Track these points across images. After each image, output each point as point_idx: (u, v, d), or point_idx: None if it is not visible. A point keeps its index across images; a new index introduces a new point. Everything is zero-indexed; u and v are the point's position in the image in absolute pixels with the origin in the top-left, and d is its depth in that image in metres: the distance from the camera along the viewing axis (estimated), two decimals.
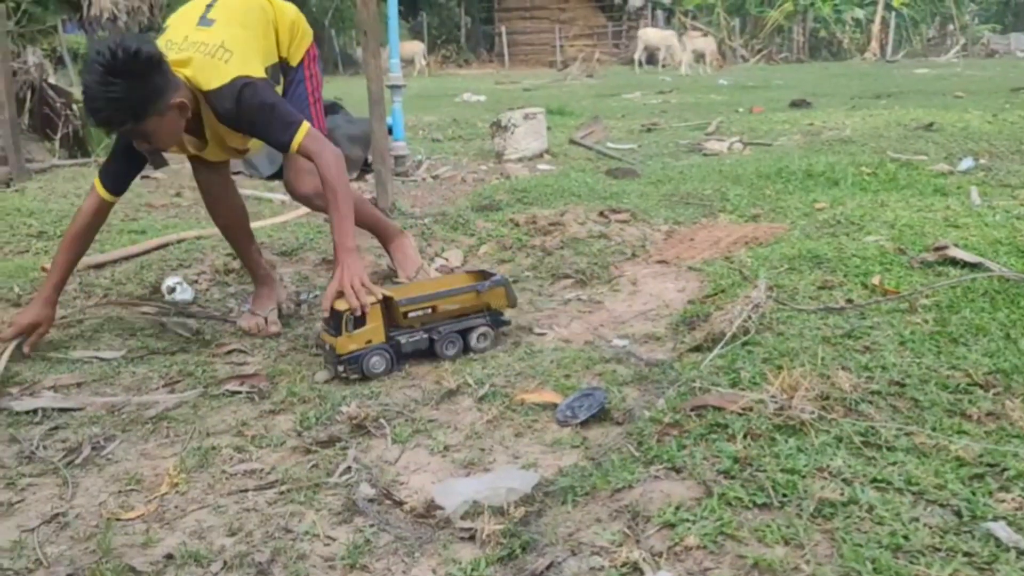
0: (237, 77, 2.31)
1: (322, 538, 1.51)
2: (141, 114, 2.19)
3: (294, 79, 2.67)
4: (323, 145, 2.40)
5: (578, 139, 6.61)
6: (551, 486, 1.60)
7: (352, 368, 2.25)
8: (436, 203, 4.43)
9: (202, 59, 2.34)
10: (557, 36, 28.85)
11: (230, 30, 2.43)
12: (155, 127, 2.26)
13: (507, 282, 2.50)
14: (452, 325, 2.39)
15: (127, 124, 2.22)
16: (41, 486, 1.75)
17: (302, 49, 2.69)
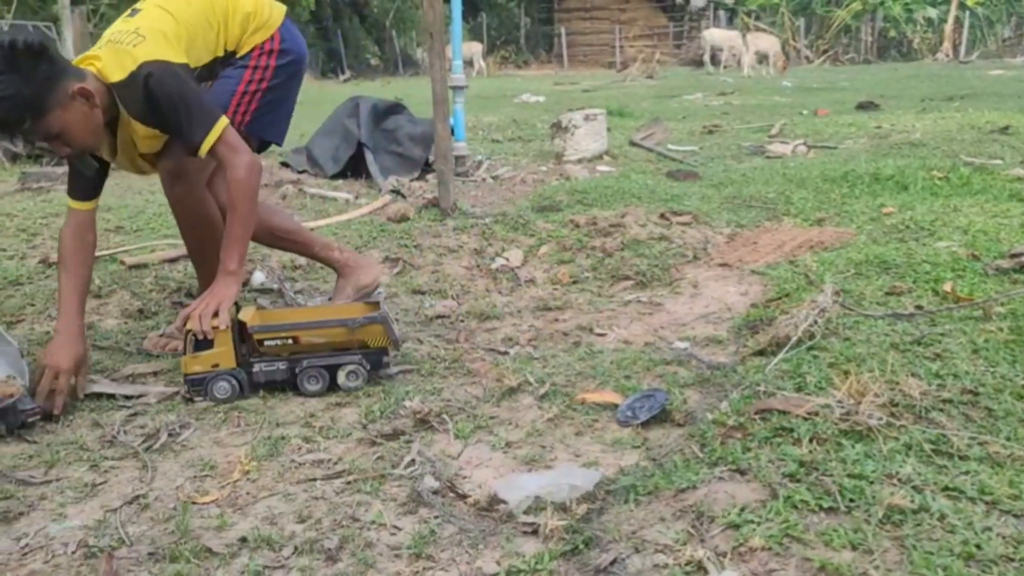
0: (143, 63, 2.10)
1: (388, 527, 1.55)
2: (39, 107, 2.01)
3: (233, 66, 2.44)
4: (238, 151, 2.20)
5: (638, 140, 6.58)
6: (612, 485, 1.61)
7: (196, 390, 2.16)
8: (496, 203, 4.47)
9: (111, 49, 2.16)
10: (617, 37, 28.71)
11: (151, 14, 2.25)
12: (62, 122, 2.06)
13: (387, 320, 2.24)
14: (319, 359, 2.20)
15: (27, 121, 2.02)
16: (122, 469, 1.84)
17: (253, 41, 2.45)
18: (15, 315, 2.70)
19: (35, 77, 1.99)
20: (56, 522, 1.61)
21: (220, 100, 2.38)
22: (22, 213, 3.87)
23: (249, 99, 2.44)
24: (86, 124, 2.11)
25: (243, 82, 2.42)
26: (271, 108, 2.50)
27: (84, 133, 2.12)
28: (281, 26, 2.51)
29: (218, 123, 2.17)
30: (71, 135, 2.10)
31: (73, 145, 2.14)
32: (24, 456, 1.88)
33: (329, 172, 5.29)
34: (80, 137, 2.13)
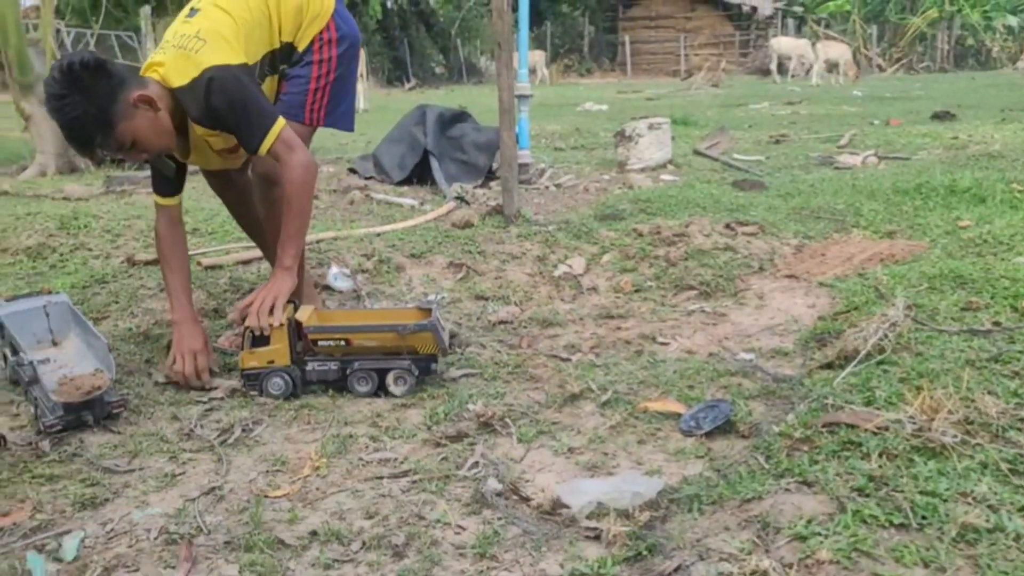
0: (205, 69, 2.14)
1: (453, 527, 1.58)
2: (106, 122, 2.07)
3: (299, 62, 2.46)
4: (294, 152, 2.24)
5: (703, 150, 6.52)
6: (676, 493, 1.62)
7: (251, 384, 2.23)
8: (559, 211, 4.49)
9: (174, 54, 2.21)
10: (682, 45, 28.50)
11: (210, 16, 2.27)
12: (132, 132, 2.13)
13: (436, 327, 2.24)
14: (369, 362, 2.24)
15: (98, 137, 2.10)
16: (199, 461, 1.91)
17: (311, 32, 2.45)
18: (101, 311, 2.83)
19: (97, 94, 2.05)
20: (139, 509, 1.69)
21: (295, 101, 2.44)
22: (107, 215, 4.04)
23: (321, 95, 2.47)
24: (154, 129, 2.17)
25: (312, 79, 2.45)
26: (340, 98, 2.55)
27: (154, 137, 2.19)
28: (334, 13, 2.51)
29: (276, 124, 2.22)
30: (143, 141, 2.17)
31: (148, 150, 2.22)
32: (109, 446, 1.97)
33: (395, 179, 5.39)
34: (152, 142, 2.20)
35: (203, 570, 1.47)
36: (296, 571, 1.46)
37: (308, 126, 2.50)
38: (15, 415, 2.14)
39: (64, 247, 3.66)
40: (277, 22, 2.40)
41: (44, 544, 1.56)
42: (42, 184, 5.45)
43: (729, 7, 29.24)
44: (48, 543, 1.56)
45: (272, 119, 2.22)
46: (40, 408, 2.03)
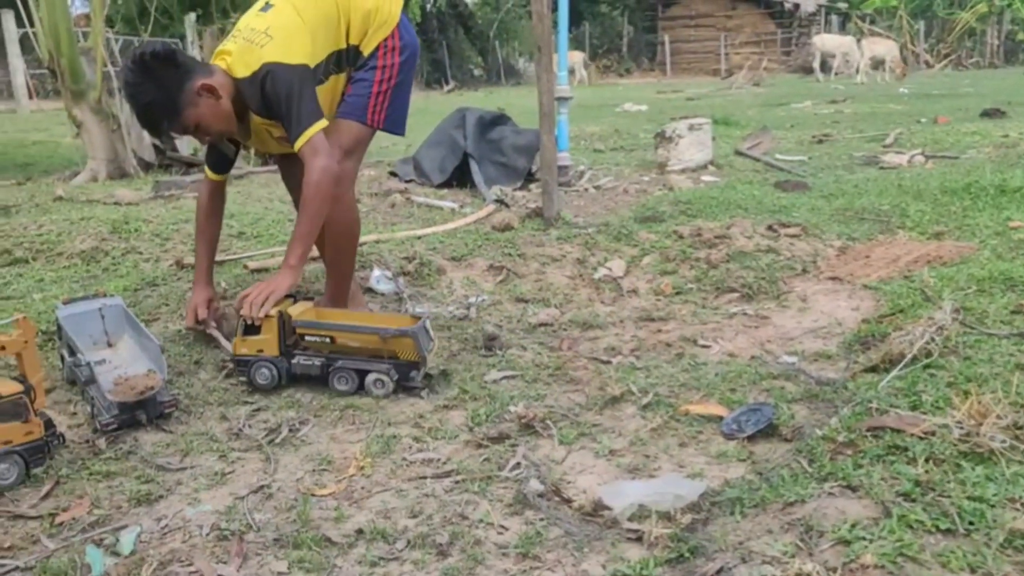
0: (264, 64, 2.30)
1: (496, 527, 1.60)
2: (172, 108, 2.28)
3: (364, 66, 2.56)
4: (318, 156, 2.34)
5: (744, 150, 6.46)
6: (718, 496, 1.62)
7: (241, 371, 2.35)
8: (599, 213, 4.49)
9: (242, 46, 2.37)
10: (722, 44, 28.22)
11: (282, 13, 2.41)
12: (196, 117, 2.33)
13: (417, 336, 2.27)
14: (351, 362, 2.30)
15: (165, 122, 2.32)
16: (248, 460, 1.96)
17: (378, 38, 2.55)
18: (151, 313, 2.91)
19: (165, 82, 2.26)
20: (191, 506, 1.74)
21: (358, 103, 2.54)
22: (156, 219, 4.15)
23: (383, 99, 2.56)
24: (216, 114, 2.35)
25: (375, 83, 2.54)
26: (399, 103, 2.63)
27: (217, 122, 2.38)
28: (399, 22, 2.60)
29: (314, 126, 2.33)
30: (206, 126, 2.37)
31: (210, 133, 2.42)
32: (162, 444, 2.04)
33: (435, 181, 5.44)
34: (214, 126, 2.39)
35: (253, 566, 1.52)
36: (343, 568, 1.50)
37: (369, 127, 2.58)
38: (73, 414, 2.22)
39: (116, 251, 3.77)
40: (345, 25, 2.50)
41: (102, 538, 1.62)
42: (94, 189, 5.60)
43: (771, 5, 28.88)
44: (106, 537, 1.62)
45: (311, 121, 2.33)
46: (96, 407, 2.10)
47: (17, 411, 1.79)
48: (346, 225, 2.63)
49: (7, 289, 3.28)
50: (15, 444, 1.79)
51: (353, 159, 2.58)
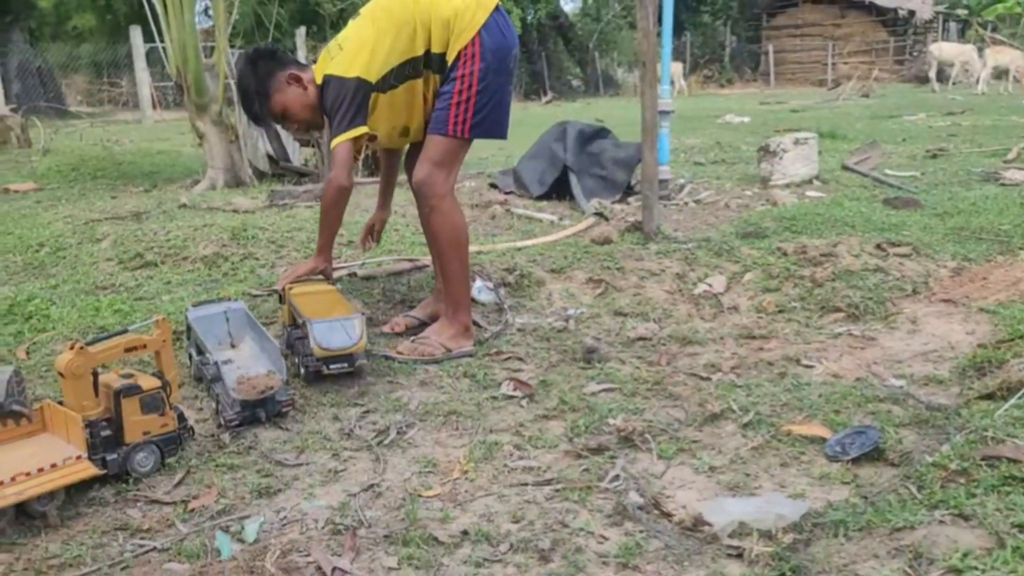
0: (326, 75, 2.57)
1: (596, 536, 1.64)
2: (263, 93, 2.65)
3: (447, 78, 2.66)
4: (335, 165, 2.61)
5: (851, 165, 6.27)
6: (820, 518, 1.61)
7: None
8: (699, 228, 4.46)
9: (323, 56, 2.68)
10: (829, 53, 27.33)
11: (359, 25, 2.64)
12: (282, 104, 2.66)
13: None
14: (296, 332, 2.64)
15: (256, 104, 2.67)
16: (358, 459, 2.07)
17: (458, 45, 2.62)
18: (268, 317, 3.08)
19: (261, 72, 2.67)
20: (307, 500, 1.85)
21: (440, 116, 2.66)
22: (272, 227, 4.39)
23: (464, 109, 2.65)
24: (301, 103, 2.67)
25: (454, 94, 2.64)
26: (487, 110, 2.68)
27: (301, 110, 2.69)
28: (483, 25, 2.62)
29: (346, 133, 2.54)
30: (291, 112, 2.70)
31: (296, 120, 2.72)
32: (279, 441, 2.17)
33: (535, 194, 5.52)
34: (298, 114, 2.70)
35: (365, 560, 1.61)
36: (449, 567, 1.57)
37: (454, 138, 2.68)
38: (199, 409, 2.38)
39: (235, 256, 4.00)
40: (425, 33, 2.61)
41: (228, 526, 1.75)
42: (213, 197, 5.94)
43: (883, 12, 27.78)
44: (232, 525, 1.75)
45: (345, 128, 2.55)
46: (221, 404, 2.25)
47: (155, 404, 1.95)
48: (447, 233, 2.74)
49: (139, 290, 3.54)
50: (153, 435, 1.95)
51: (443, 170, 2.69)
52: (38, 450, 1.85)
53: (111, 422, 1.91)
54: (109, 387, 1.92)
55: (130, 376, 1.97)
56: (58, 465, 1.76)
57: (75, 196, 6.20)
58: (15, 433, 1.90)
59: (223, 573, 1.55)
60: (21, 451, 1.85)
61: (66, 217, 4.97)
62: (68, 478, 1.76)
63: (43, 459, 1.77)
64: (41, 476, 1.73)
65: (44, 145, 8.81)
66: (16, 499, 1.68)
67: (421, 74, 2.67)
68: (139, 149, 9.30)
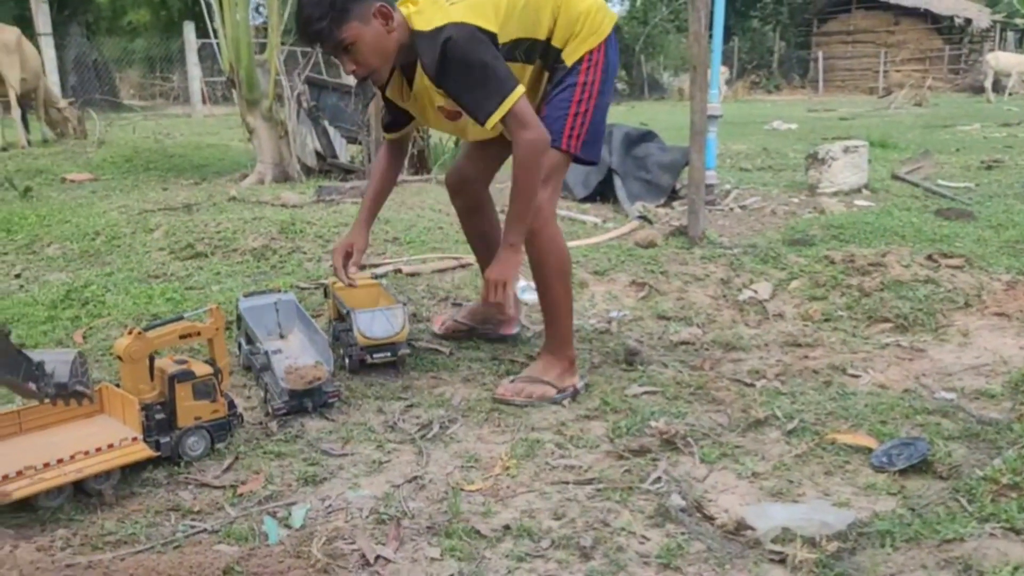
0: (451, 23, 2.07)
1: (637, 536, 1.65)
2: (341, 11, 2.07)
3: (563, 81, 2.31)
4: (526, 128, 2.09)
5: (903, 174, 6.16)
6: (866, 527, 1.59)
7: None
8: (745, 234, 4.43)
9: (430, 1, 2.19)
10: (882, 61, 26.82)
11: None
12: (356, 35, 2.10)
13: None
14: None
15: (324, 23, 2.08)
16: (402, 452, 2.10)
17: (583, 48, 2.30)
18: (315, 311, 3.14)
19: None
20: (352, 490, 1.89)
21: (555, 126, 2.27)
22: (319, 221, 4.46)
23: (581, 121, 2.31)
24: (377, 44, 2.14)
25: (574, 102, 2.29)
26: (597, 127, 2.37)
27: (373, 53, 2.15)
28: (609, 35, 2.35)
29: (512, 94, 2.08)
30: (360, 51, 2.14)
31: (360, 62, 2.16)
32: (325, 431, 2.21)
33: (579, 195, 5.52)
34: (368, 56, 2.15)
35: (409, 550, 1.63)
36: (491, 560, 1.58)
37: (565, 152, 2.32)
38: (248, 397, 2.44)
39: (283, 249, 4.08)
40: (552, 20, 2.27)
41: (275, 511, 1.79)
42: (262, 191, 6.05)
43: (939, 20, 27.19)
44: (279, 511, 1.79)
45: (510, 87, 2.08)
46: (269, 392, 2.30)
47: (207, 391, 2.00)
48: (553, 261, 2.41)
49: (190, 280, 3.63)
50: (203, 420, 2.00)
51: (548, 188, 2.31)
52: (96, 430, 1.92)
53: (165, 406, 1.96)
54: (164, 372, 1.98)
55: (184, 363, 2.02)
56: (115, 446, 1.82)
57: (128, 187, 6.37)
58: (75, 413, 1.97)
59: (271, 557, 1.58)
60: (81, 430, 1.92)
61: (120, 207, 5.11)
62: (124, 458, 1.82)
63: (101, 439, 1.83)
64: (99, 455, 1.79)
65: (99, 136, 9.05)
66: (76, 476, 1.74)
67: (533, 62, 2.31)
68: (189, 143, 9.50)
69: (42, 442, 1.90)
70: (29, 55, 8.81)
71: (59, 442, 1.86)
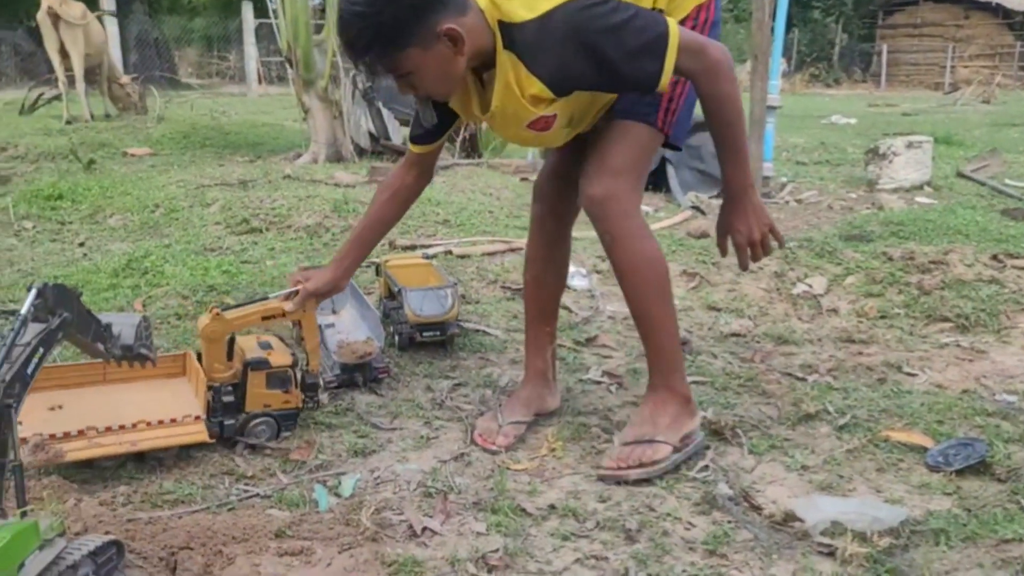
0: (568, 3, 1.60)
1: (683, 522, 1.64)
2: (393, 38, 1.62)
3: None
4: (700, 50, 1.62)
5: (968, 172, 5.98)
6: (919, 525, 1.56)
7: None
8: (800, 228, 4.35)
9: None
10: (949, 56, 26.00)
11: None
12: (415, 63, 1.65)
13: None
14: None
15: (376, 48, 1.63)
16: (449, 429, 2.12)
17: (688, 5, 1.85)
18: (366, 289, 3.18)
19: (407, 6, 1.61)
20: (400, 463, 1.91)
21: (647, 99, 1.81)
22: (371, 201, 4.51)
23: (680, 92, 1.83)
24: (441, 71, 1.68)
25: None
26: (689, 107, 1.90)
27: (436, 80, 1.71)
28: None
29: (669, 34, 1.60)
30: (421, 79, 1.70)
31: (420, 89, 1.75)
32: (375, 405, 2.24)
33: None
34: (430, 83, 1.72)
35: (455, 523, 1.65)
36: (536, 537, 1.60)
37: (658, 132, 1.85)
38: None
39: (336, 228, 4.13)
40: None
41: (326, 480, 1.82)
42: (316, 170, 6.13)
43: (1010, 14, 26.22)
44: (329, 480, 1.83)
45: (662, 27, 1.61)
46: (322, 365, 2.33)
47: (281, 382, 2.00)
48: (642, 268, 1.89)
49: (244, 254, 3.70)
50: (272, 408, 2.00)
51: (631, 178, 1.85)
52: (169, 397, 1.97)
53: (236, 388, 1.97)
54: (242, 355, 1.99)
55: (268, 346, 2.03)
56: (177, 421, 1.86)
57: (186, 162, 6.51)
58: (158, 372, 2.04)
59: (321, 523, 1.62)
60: (155, 392, 1.99)
61: (178, 181, 5.22)
62: (180, 439, 1.85)
63: (168, 410, 1.88)
64: (158, 430, 1.84)
65: (159, 113, 9.26)
66: (129, 449, 1.79)
67: None
68: (244, 121, 9.66)
69: (116, 397, 1.97)
70: (94, 31, 9.03)
71: (131, 402, 1.93)
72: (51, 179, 5.17)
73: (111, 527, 1.54)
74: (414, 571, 1.48)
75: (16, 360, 1.27)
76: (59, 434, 1.75)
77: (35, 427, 1.76)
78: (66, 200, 4.72)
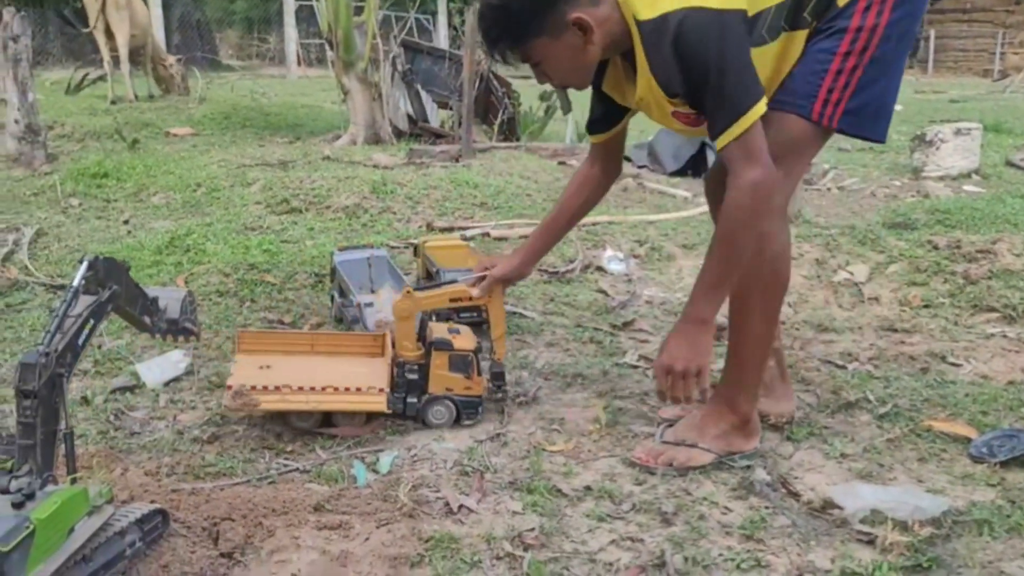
0: (684, 8, 1.55)
1: (720, 506, 1.64)
2: (523, 29, 1.66)
3: (829, 27, 1.67)
4: (751, 163, 1.57)
5: (1017, 161, 5.83)
6: (962, 516, 1.54)
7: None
8: (842, 215, 4.28)
9: None
10: (999, 42, 25.28)
11: None
12: (545, 52, 1.69)
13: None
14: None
15: (508, 40, 1.70)
16: (485, 410, 2.12)
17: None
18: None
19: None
20: (437, 442, 1.93)
21: (804, 88, 1.69)
22: (409, 183, 4.52)
23: (845, 82, 1.67)
24: (572, 60, 1.70)
25: (838, 56, 1.65)
26: (875, 91, 1.71)
27: (567, 70, 1.74)
28: None
29: (751, 112, 1.56)
30: (552, 67, 1.73)
31: (553, 78, 1.77)
32: None
33: (669, 169, 5.44)
34: (561, 72, 1.75)
35: (491, 502, 1.66)
36: (572, 518, 1.60)
37: (816, 125, 1.71)
38: None
39: (374, 209, 4.16)
40: None
41: (364, 456, 1.85)
42: (354, 152, 6.17)
43: None
44: (367, 456, 1.85)
45: (751, 102, 1.57)
46: None
47: (463, 366, 2.00)
48: (764, 270, 1.76)
49: (284, 234, 3.75)
50: (454, 393, 2.00)
51: (784, 167, 1.67)
52: (364, 371, 2.02)
53: (421, 368, 2.00)
54: (430, 336, 2.03)
55: (456, 332, 2.06)
56: (362, 390, 1.92)
57: (227, 143, 6.58)
58: (361, 350, 2.14)
59: (359, 498, 1.64)
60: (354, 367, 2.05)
61: (220, 161, 5.29)
62: (361, 405, 1.94)
63: (358, 381, 1.94)
64: (343, 395, 1.92)
65: (201, 94, 9.37)
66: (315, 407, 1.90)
67: (804, 24, 1.69)
68: (284, 102, 9.73)
69: (318, 366, 2.05)
70: (138, 12, 9.16)
71: (329, 370, 1.99)
72: (97, 157, 5.27)
73: (156, 496, 1.58)
74: (450, 547, 1.49)
75: (68, 331, 1.30)
76: (259, 387, 1.87)
77: (242, 380, 1.89)
78: (111, 178, 4.82)
